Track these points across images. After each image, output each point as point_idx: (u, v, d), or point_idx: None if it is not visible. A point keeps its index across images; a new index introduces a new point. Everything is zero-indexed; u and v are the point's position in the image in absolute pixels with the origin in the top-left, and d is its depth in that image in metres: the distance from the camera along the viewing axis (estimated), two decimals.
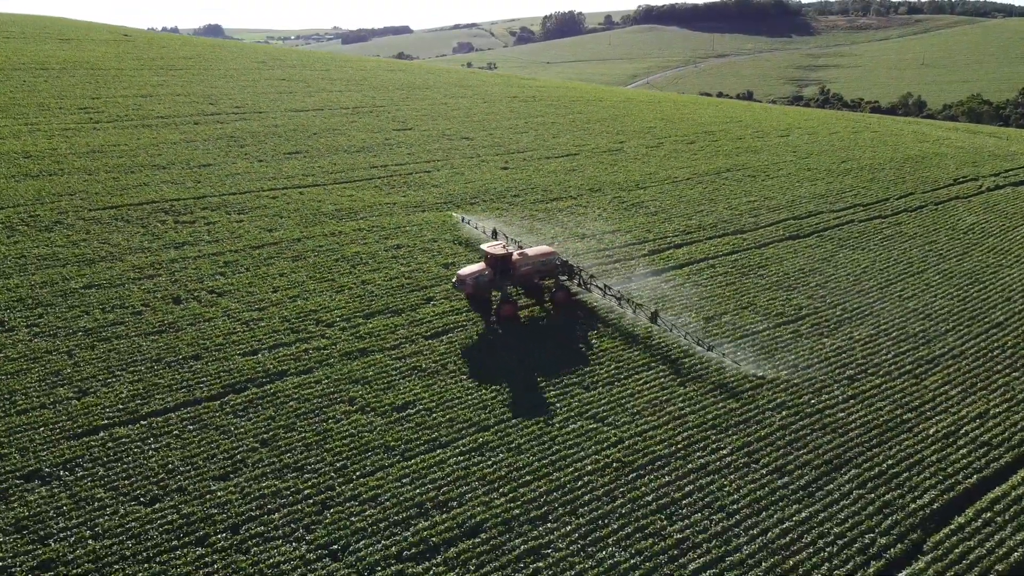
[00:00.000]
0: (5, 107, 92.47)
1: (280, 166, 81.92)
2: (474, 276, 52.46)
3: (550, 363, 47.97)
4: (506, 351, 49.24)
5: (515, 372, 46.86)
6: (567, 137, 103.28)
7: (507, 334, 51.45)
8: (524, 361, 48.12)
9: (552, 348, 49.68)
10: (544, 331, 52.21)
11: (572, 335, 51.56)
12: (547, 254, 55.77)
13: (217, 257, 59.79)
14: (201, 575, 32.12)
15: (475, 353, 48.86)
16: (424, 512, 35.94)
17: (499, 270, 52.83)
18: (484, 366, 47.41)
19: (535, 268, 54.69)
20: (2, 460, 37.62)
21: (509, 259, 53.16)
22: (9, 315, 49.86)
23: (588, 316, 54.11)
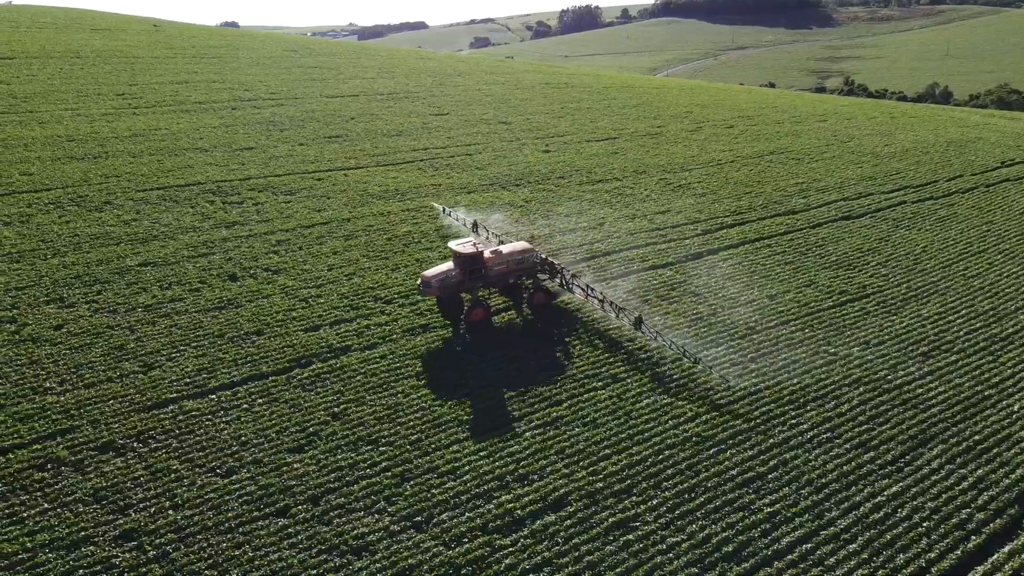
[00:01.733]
0: (44, 93, 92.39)
1: (321, 149, 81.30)
2: (440, 277, 47.05)
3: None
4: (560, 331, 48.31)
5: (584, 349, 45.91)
6: (605, 122, 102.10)
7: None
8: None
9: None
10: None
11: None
12: (524, 251, 50.11)
13: (269, 236, 59.20)
14: (285, 546, 31.38)
15: (547, 327, 47.96)
16: (505, 485, 35.07)
17: (469, 270, 47.32)
18: (556, 341, 46.50)
19: (511, 267, 49.21)
20: (75, 432, 37.10)
21: (480, 258, 47.61)
22: (68, 292, 49.44)
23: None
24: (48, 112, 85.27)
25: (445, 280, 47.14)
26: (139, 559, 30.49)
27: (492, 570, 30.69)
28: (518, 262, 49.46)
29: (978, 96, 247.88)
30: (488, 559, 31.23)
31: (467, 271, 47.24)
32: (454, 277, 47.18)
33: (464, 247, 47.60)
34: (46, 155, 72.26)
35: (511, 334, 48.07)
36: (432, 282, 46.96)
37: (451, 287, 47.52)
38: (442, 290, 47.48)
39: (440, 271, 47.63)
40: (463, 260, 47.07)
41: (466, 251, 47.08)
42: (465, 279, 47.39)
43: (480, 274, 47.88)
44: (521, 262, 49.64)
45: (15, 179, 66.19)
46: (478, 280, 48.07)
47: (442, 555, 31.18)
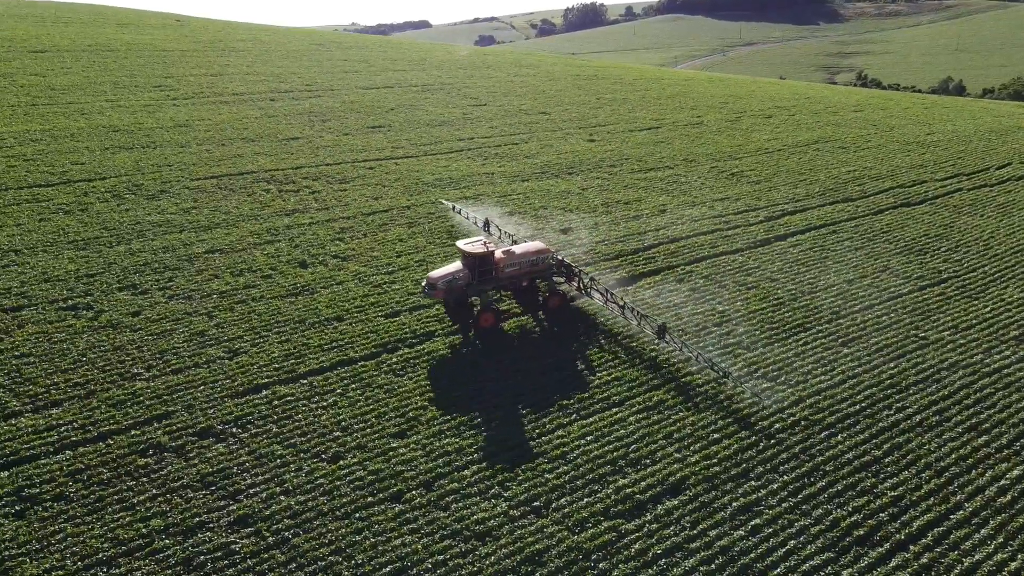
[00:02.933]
0: (82, 85, 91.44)
1: (367, 139, 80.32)
2: (447, 279, 43.36)
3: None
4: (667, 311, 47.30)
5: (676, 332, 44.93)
6: (644, 112, 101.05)
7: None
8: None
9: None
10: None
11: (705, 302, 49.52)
12: (539, 252, 46.32)
13: (331, 224, 58.24)
14: (405, 531, 30.43)
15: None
16: (619, 469, 34.10)
17: (479, 272, 43.87)
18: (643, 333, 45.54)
19: (524, 269, 45.69)
20: (171, 418, 36.17)
21: (490, 259, 44.12)
22: (139, 278, 48.51)
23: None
24: (88, 103, 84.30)
25: (452, 282, 43.42)
26: (259, 545, 29.54)
27: (622, 555, 29.73)
28: (532, 263, 45.89)
29: (992, 90, 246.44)
30: (616, 544, 30.26)
31: (476, 272, 43.78)
32: (462, 279, 43.59)
33: (473, 246, 43.88)
34: (94, 145, 71.29)
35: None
36: (438, 284, 43.32)
37: (458, 289, 43.86)
38: (448, 293, 43.71)
39: (447, 272, 44.01)
40: (472, 260, 43.53)
41: (475, 251, 43.37)
42: (474, 281, 43.97)
43: (490, 276, 44.36)
44: (535, 263, 46.03)
45: (68, 168, 65.23)
46: (488, 282, 44.51)
47: (568, 540, 30.22)
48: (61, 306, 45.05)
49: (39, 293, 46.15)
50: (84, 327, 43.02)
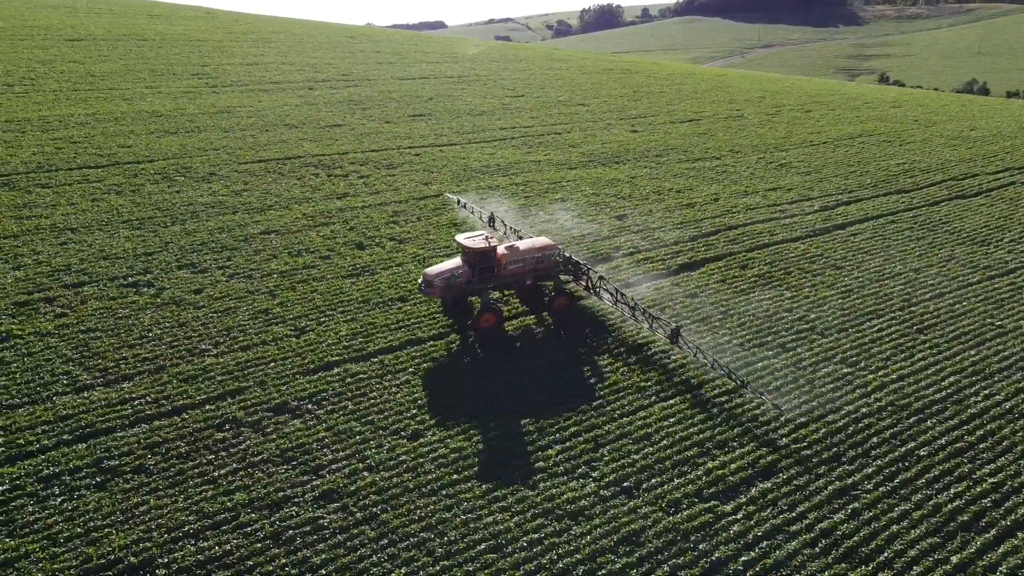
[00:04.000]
0: (121, 72, 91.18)
1: (410, 127, 79.63)
2: (444, 276, 40.13)
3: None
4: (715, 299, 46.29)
5: (731, 318, 43.91)
6: (682, 105, 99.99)
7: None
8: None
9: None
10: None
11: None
12: (544, 248, 43.00)
13: (384, 207, 57.52)
14: (495, 509, 29.53)
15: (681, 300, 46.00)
16: (707, 451, 33.11)
17: (479, 268, 40.72)
18: (716, 323, 44.55)
19: (528, 266, 42.46)
20: (243, 393, 35.46)
21: (492, 254, 40.84)
22: (197, 257, 47.91)
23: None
24: (128, 90, 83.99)
25: (451, 279, 40.17)
26: (347, 520, 28.71)
27: (721, 537, 28.74)
28: (537, 260, 42.63)
29: (1017, 93, 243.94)
30: (714, 525, 29.27)
31: (477, 269, 40.66)
32: (461, 276, 40.39)
33: (474, 241, 40.67)
34: (139, 128, 70.88)
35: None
36: (435, 281, 39.99)
37: (457, 287, 40.66)
38: (446, 291, 40.52)
39: (445, 269, 40.65)
40: (473, 257, 40.36)
41: (476, 246, 40.15)
42: (474, 279, 40.83)
43: (492, 273, 41.26)
44: (540, 260, 42.76)
45: (116, 151, 64.78)
46: (490, 280, 41.38)
47: (664, 521, 29.23)
48: (122, 283, 44.46)
49: (99, 270, 45.59)
50: (147, 303, 42.38)
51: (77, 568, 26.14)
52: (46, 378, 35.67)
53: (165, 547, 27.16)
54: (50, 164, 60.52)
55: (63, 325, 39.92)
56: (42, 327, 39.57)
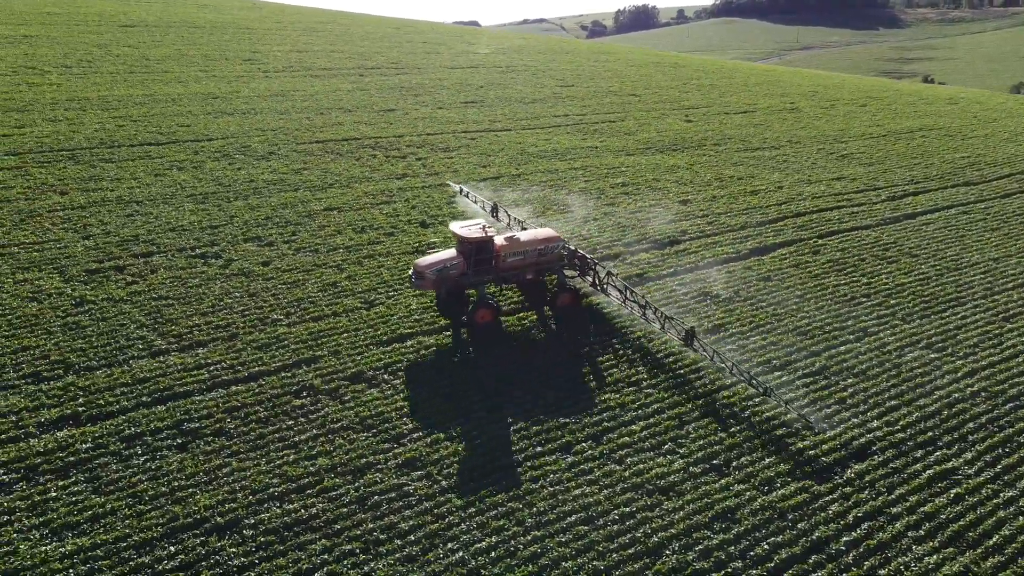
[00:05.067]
0: (175, 57, 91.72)
1: (463, 112, 79.07)
2: (437, 267, 37.02)
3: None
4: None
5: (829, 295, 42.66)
6: (734, 97, 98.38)
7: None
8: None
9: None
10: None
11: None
12: (547, 240, 39.72)
13: (444, 188, 56.89)
14: (583, 482, 28.67)
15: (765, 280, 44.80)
16: (795, 432, 31.96)
17: (475, 260, 37.61)
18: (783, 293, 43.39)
19: (529, 259, 39.20)
20: (317, 362, 34.99)
21: (490, 245, 37.64)
22: (262, 231, 47.67)
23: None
24: (183, 73, 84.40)
25: (443, 271, 37.11)
26: (432, 488, 28.02)
27: (820, 517, 27.60)
28: (539, 253, 39.37)
29: None
30: (811, 505, 28.15)
31: (473, 261, 37.58)
32: (454, 268, 37.36)
33: (470, 230, 37.56)
34: (196, 109, 71.06)
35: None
36: (426, 273, 36.87)
37: (450, 280, 37.47)
38: (438, 284, 37.23)
39: (438, 260, 37.66)
40: (468, 247, 37.29)
41: (472, 236, 37.08)
42: (469, 271, 37.76)
43: (489, 265, 38.10)
44: (543, 253, 39.51)
45: (175, 129, 64.94)
46: (487, 273, 38.23)
47: (760, 499, 28.16)
48: (190, 254, 44.31)
49: (167, 241, 45.50)
50: (216, 274, 42.14)
51: (164, 526, 25.74)
52: (121, 342, 35.48)
53: (251, 508, 26.68)
54: (112, 140, 60.77)
55: (135, 292, 39.78)
56: (114, 294, 39.46)
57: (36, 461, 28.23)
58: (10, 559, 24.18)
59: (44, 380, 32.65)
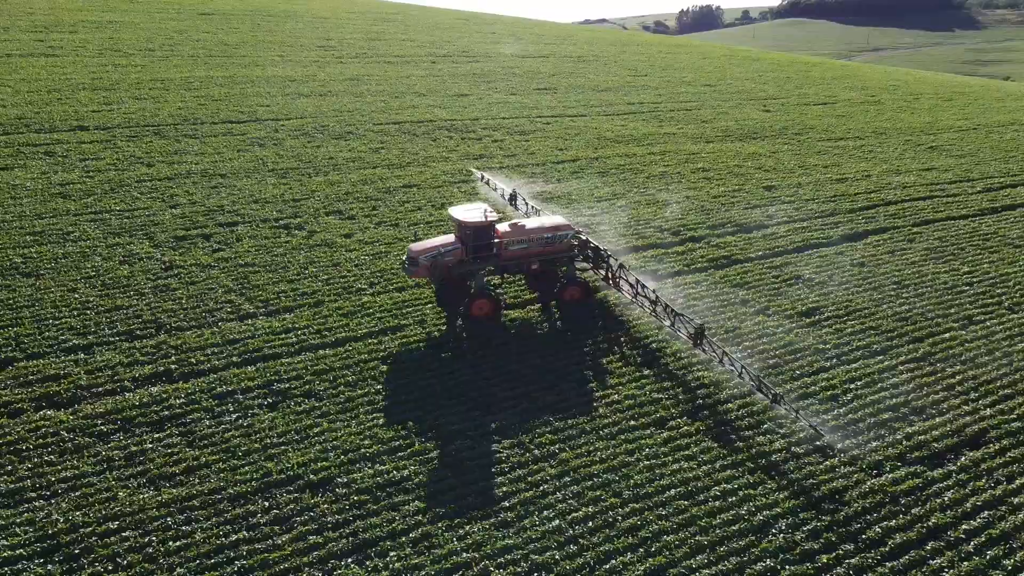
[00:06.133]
0: (251, 43, 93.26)
1: (536, 99, 78.45)
2: (431, 254, 34.48)
3: None
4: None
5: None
6: (811, 89, 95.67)
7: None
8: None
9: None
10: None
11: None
12: (555, 228, 36.46)
13: (522, 169, 56.36)
14: (680, 457, 27.59)
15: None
16: (902, 416, 30.31)
17: (474, 247, 34.76)
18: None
19: (535, 248, 35.99)
20: (403, 331, 34.69)
21: (490, 231, 34.81)
22: (343, 206, 47.77)
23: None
24: (260, 57, 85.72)
25: (438, 258, 34.44)
26: (525, 457, 27.32)
27: (934, 503, 25.99)
28: (546, 242, 36.14)
29: None
30: (925, 491, 26.56)
31: (471, 248, 34.78)
32: (451, 255, 34.63)
33: (470, 214, 34.94)
34: (274, 91, 71.97)
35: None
36: (420, 259, 34.28)
37: (445, 268, 34.71)
38: (432, 272, 34.60)
39: (432, 245, 35.11)
40: (467, 233, 34.62)
41: (471, 220, 34.51)
42: (468, 258, 34.97)
43: (490, 254, 35.29)
44: (550, 242, 36.24)
45: (255, 108, 65.81)
46: (487, 261, 35.41)
47: (869, 482, 26.69)
48: (273, 225, 44.59)
49: (250, 212, 45.87)
50: (300, 244, 42.25)
51: (257, 480, 25.56)
52: (210, 305, 35.73)
53: (343, 467, 26.35)
54: (195, 117, 61.80)
55: (222, 259, 40.11)
56: (202, 260, 39.82)
57: (132, 414, 28.41)
58: (110, 505, 24.26)
59: (137, 338, 33.00)
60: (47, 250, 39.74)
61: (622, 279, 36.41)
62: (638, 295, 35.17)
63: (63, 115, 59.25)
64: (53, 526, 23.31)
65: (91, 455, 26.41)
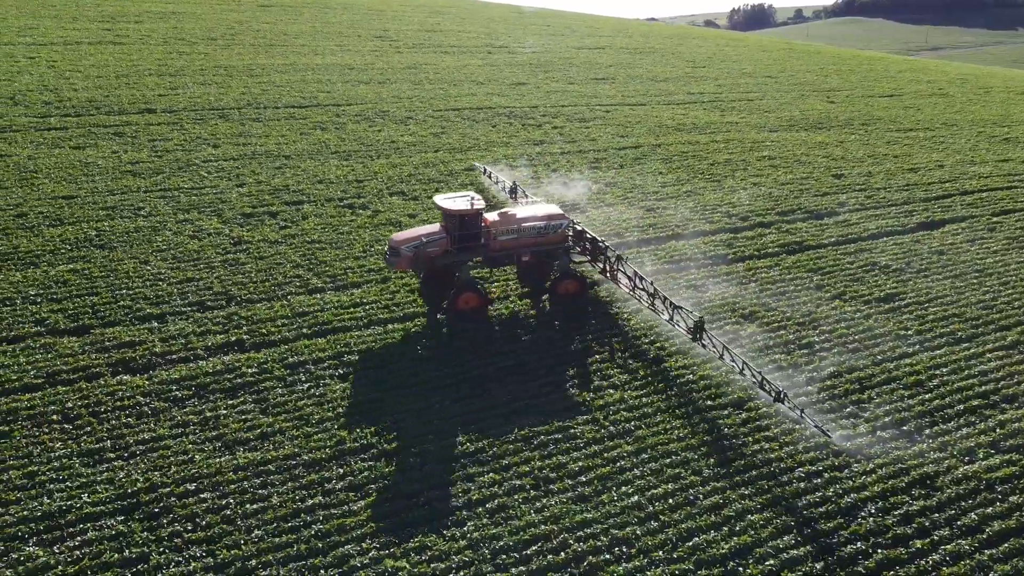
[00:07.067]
0: (310, 33, 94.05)
1: (594, 88, 77.65)
2: (413, 243, 32.42)
3: None
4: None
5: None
6: (876, 82, 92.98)
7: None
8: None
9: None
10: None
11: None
12: (548, 217, 33.97)
13: (583, 154, 55.71)
14: (759, 437, 26.69)
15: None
16: (993, 404, 28.97)
17: (459, 236, 32.59)
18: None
19: (526, 238, 33.53)
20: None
21: (477, 220, 32.56)
22: (406, 187, 47.67)
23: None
24: (319, 46, 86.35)
25: (420, 248, 32.31)
26: (600, 433, 26.74)
27: None
28: (539, 232, 33.64)
29: None
30: (1022, 479, 25.25)
31: (456, 237, 32.59)
32: (435, 245, 32.47)
33: (455, 202, 32.63)
34: (334, 78, 72.39)
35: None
36: (402, 249, 32.16)
37: (427, 259, 32.57)
38: (415, 263, 32.65)
39: (415, 235, 33.04)
40: (452, 221, 32.39)
41: (456, 208, 32.25)
42: (453, 248, 32.80)
43: (478, 244, 33.09)
44: (543, 232, 33.75)
45: (316, 94, 66.26)
46: (474, 252, 33.27)
47: (961, 468, 25.48)
48: (338, 204, 44.70)
49: (315, 191, 46.04)
50: (365, 223, 42.24)
51: (332, 448, 25.41)
52: (279, 279, 35.84)
53: (415, 439, 26.04)
54: (258, 102, 62.43)
55: (289, 235, 40.28)
56: (270, 236, 40.02)
57: (206, 381, 28.53)
58: (187, 467, 24.31)
59: (208, 309, 33.22)
60: (119, 224, 40.33)
61: (619, 271, 34.01)
62: (636, 288, 32.89)
63: (131, 99, 60.32)
64: (132, 485, 23.41)
65: (167, 419, 26.55)
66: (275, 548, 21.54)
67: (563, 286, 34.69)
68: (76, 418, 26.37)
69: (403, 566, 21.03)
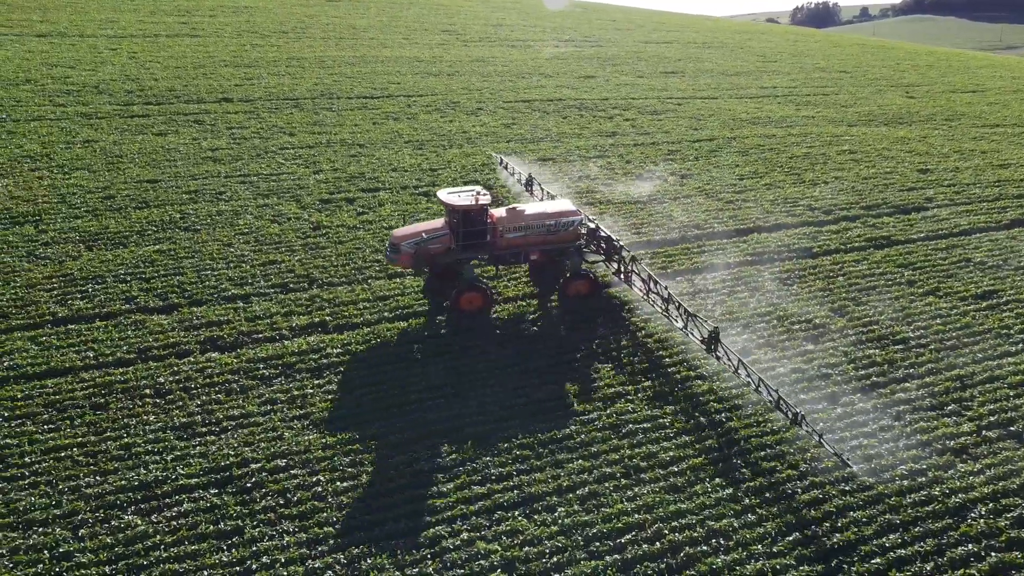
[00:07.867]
0: (378, 27, 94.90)
1: (664, 81, 76.57)
2: (415, 240, 30.95)
3: None
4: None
5: None
6: (956, 77, 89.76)
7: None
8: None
9: None
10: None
11: None
12: (559, 215, 32.17)
13: (656, 147, 54.87)
14: (858, 434, 25.68)
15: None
16: None
17: (464, 233, 30.88)
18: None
19: (535, 236, 31.88)
20: (547, 296, 33.74)
21: (482, 216, 30.89)
22: (481, 176, 47.48)
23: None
24: (388, 40, 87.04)
25: (421, 244, 30.83)
26: (690, 424, 26.02)
27: None
28: (547, 230, 31.90)
29: None
30: None
31: (460, 234, 30.88)
32: (437, 242, 31.01)
33: (460, 197, 30.84)
34: (404, 70, 72.80)
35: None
36: (402, 246, 30.71)
37: (428, 256, 31.10)
38: (415, 260, 31.08)
39: (416, 231, 31.56)
40: (455, 217, 30.76)
41: (460, 203, 30.53)
42: (456, 246, 31.15)
43: (483, 241, 31.44)
44: (553, 230, 31.97)
45: (387, 85, 66.71)
46: (479, 250, 31.64)
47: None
48: (413, 191, 44.84)
49: (390, 179, 46.23)
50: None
51: (417, 430, 25.28)
52: (358, 263, 35.99)
53: (500, 423, 25.76)
54: (331, 92, 63.09)
55: (366, 221, 40.48)
56: (348, 221, 40.26)
57: (292, 360, 28.73)
58: (277, 444, 24.45)
59: (291, 291, 33.52)
60: (202, 207, 41.03)
61: (634, 273, 32.12)
62: (650, 292, 31.05)
63: (209, 88, 61.52)
64: (225, 459, 23.61)
65: (256, 396, 26.79)
66: (365, 526, 21.44)
67: (572, 287, 32.83)
68: (168, 393, 26.78)
69: (495, 549, 20.73)
